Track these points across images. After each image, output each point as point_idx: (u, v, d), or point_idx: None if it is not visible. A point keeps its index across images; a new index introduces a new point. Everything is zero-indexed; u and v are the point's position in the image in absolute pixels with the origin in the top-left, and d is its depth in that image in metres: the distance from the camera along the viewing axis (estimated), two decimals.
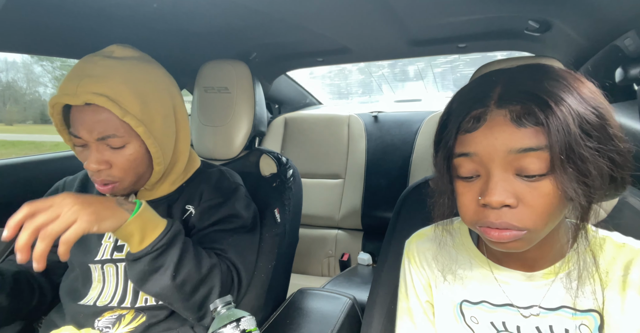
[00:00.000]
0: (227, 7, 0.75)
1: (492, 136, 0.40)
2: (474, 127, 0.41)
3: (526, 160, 0.39)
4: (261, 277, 0.81)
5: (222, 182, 0.79)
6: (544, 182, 0.39)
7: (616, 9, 0.64)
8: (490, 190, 0.40)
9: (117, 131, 0.64)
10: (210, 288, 0.65)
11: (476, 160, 0.41)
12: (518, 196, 0.40)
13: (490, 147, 0.40)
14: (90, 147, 0.65)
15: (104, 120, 0.63)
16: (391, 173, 1.65)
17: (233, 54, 1.12)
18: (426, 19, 0.87)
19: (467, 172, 0.43)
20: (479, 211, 0.42)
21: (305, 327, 0.76)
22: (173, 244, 0.62)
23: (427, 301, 0.57)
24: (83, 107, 0.63)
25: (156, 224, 0.62)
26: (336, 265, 1.65)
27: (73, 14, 0.73)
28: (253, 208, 0.82)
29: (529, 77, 0.41)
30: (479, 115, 0.41)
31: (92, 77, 0.62)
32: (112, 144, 0.65)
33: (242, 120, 0.95)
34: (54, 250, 0.79)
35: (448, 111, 0.46)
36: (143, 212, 0.60)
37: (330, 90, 2.45)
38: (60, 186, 0.83)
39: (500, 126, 0.40)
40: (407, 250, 0.60)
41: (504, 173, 0.40)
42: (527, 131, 0.38)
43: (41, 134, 4.44)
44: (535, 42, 1.00)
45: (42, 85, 2.81)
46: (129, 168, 0.67)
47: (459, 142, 0.43)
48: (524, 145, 0.38)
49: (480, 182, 0.42)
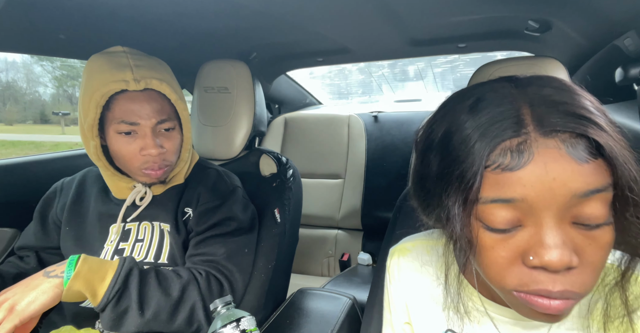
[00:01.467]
0: (227, 7, 0.75)
1: (548, 176, 0.30)
2: (516, 165, 0.31)
3: (590, 205, 0.30)
4: (261, 277, 0.81)
5: (219, 184, 0.79)
6: (604, 230, 0.31)
7: (616, 9, 0.64)
8: (550, 248, 0.30)
9: (169, 115, 0.71)
10: (191, 305, 0.65)
11: (520, 207, 0.31)
12: (577, 251, 0.31)
13: (547, 190, 0.30)
14: (145, 133, 0.68)
15: (162, 105, 0.69)
16: (391, 173, 1.65)
17: (233, 54, 1.12)
18: (426, 19, 0.87)
19: (504, 222, 0.32)
20: (523, 273, 0.32)
21: (305, 327, 0.76)
22: (128, 285, 0.61)
23: (407, 323, 0.51)
24: (137, 94, 0.67)
25: (104, 273, 0.60)
26: (336, 265, 1.65)
27: (73, 13, 0.73)
28: (251, 209, 0.82)
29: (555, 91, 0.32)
30: (518, 147, 0.31)
31: (141, 67, 0.67)
32: (166, 127, 0.70)
33: (242, 120, 0.95)
34: (53, 252, 0.80)
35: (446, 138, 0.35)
36: (80, 269, 0.58)
37: (330, 90, 2.45)
38: (59, 187, 0.83)
39: (557, 162, 0.30)
40: (388, 265, 0.54)
41: (560, 223, 0.31)
42: (589, 167, 0.30)
43: (41, 134, 4.45)
44: (535, 42, 1.00)
45: (42, 85, 2.82)
46: (176, 151, 0.73)
47: (489, 182, 0.32)
48: (590, 187, 0.30)
49: (524, 235, 0.32)
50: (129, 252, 0.73)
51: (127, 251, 0.73)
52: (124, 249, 0.73)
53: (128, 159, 0.69)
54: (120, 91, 0.65)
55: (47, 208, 0.82)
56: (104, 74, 0.65)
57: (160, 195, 0.77)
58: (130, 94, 0.66)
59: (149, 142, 0.68)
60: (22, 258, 0.80)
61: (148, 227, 0.75)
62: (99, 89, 0.64)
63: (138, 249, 0.73)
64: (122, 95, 0.66)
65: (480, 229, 0.34)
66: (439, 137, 0.36)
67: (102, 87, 0.64)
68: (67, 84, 6.88)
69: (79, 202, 0.79)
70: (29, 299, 0.54)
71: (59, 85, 6.87)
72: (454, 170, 0.34)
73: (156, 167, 0.70)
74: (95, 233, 0.75)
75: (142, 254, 0.72)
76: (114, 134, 0.68)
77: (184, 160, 0.76)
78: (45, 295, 0.55)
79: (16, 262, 0.79)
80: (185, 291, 0.65)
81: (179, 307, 0.64)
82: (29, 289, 0.56)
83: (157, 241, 0.73)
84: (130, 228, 0.75)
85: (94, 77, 0.66)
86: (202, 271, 0.69)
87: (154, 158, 0.69)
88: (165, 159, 0.71)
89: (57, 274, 0.58)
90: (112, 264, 0.62)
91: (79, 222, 0.77)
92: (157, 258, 0.72)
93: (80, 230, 0.76)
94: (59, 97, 7.34)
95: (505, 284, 0.33)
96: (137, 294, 0.61)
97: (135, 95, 0.66)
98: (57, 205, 0.80)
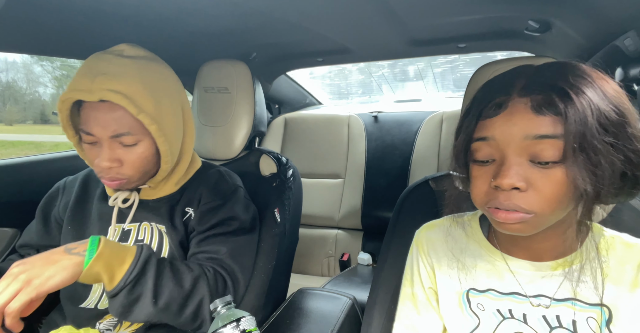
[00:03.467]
0: (228, 7, 0.75)
1: (511, 122, 0.42)
2: (494, 113, 0.43)
3: (540, 146, 0.40)
4: (261, 277, 0.81)
5: (221, 184, 0.79)
6: (556, 170, 0.40)
7: (616, 9, 0.64)
8: (503, 173, 0.42)
9: (130, 129, 0.65)
10: (200, 300, 0.65)
11: (493, 145, 0.43)
12: (529, 181, 0.41)
13: (508, 132, 0.42)
14: (102, 144, 0.65)
15: (119, 118, 0.64)
16: (391, 174, 1.65)
17: (233, 54, 1.12)
18: (426, 19, 0.87)
19: (483, 155, 0.45)
20: (489, 193, 0.44)
21: (305, 327, 0.76)
22: (145, 272, 0.61)
23: (431, 288, 0.58)
24: (97, 104, 0.63)
25: (123, 257, 0.60)
26: (336, 265, 1.65)
27: (73, 13, 0.73)
28: (252, 209, 0.82)
29: (555, 71, 0.43)
30: (500, 102, 0.43)
31: (107, 75, 0.62)
32: (125, 141, 0.65)
33: (242, 120, 0.95)
34: None
35: (472, 100, 0.48)
36: (103, 250, 0.58)
37: (330, 90, 2.45)
38: (61, 186, 0.83)
39: (520, 113, 0.41)
40: (416, 238, 0.62)
41: (518, 158, 0.42)
42: (545, 119, 0.40)
43: (41, 134, 4.45)
44: (535, 42, 1.00)
45: (42, 85, 2.82)
46: (139, 166, 0.68)
47: (479, 127, 0.45)
48: (540, 132, 0.40)
49: (494, 166, 0.44)
50: None
51: None
52: None
53: (91, 165, 0.69)
54: None
55: (49, 207, 0.82)
56: (74, 79, 0.64)
57: (152, 201, 0.76)
58: (93, 103, 0.64)
59: (102, 154, 0.65)
60: (23, 256, 0.80)
61: (148, 228, 0.75)
62: (64, 94, 0.63)
63: None
64: (87, 103, 0.64)
65: (471, 164, 0.47)
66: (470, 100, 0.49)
67: (66, 93, 0.63)
68: (67, 84, 6.87)
69: (81, 201, 0.79)
70: (49, 274, 0.53)
71: (59, 85, 6.87)
72: (465, 120, 0.47)
73: (108, 179, 0.68)
74: (96, 233, 0.75)
75: None
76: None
77: (164, 171, 0.72)
78: (65, 271, 0.54)
79: (17, 259, 0.79)
80: (197, 284, 0.65)
81: (189, 300, 0.64)
82: (49, 263, 0.54)
83: (157, 241, 0.73)
84: (131, 229, 0.75)
85: (71, 80, 0.65)
86: (210, 268, 0.69)
87: (104, 170, 0.66)
88: (119, 172, 0.67)
89: (79, 252, 0.57)
90: (131, 250, 0.62)
91: (80, 221, 0.77)
92: None
93: (81, 230, 0.76)
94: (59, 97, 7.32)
95: (481, 201, 0.46)
96: (153, 282, 0.61)
97: (96, 105, 0.63)
98: (60, 204, 0.80)
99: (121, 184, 0.69)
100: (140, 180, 0.71)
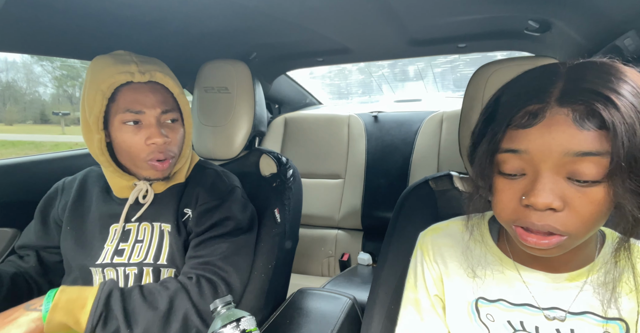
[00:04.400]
0: (228, 8, 0.75)
1: (550, 136, 0.37)
2: (528, 123, 0.38)
3: (582, 164, 0.36)
4: (261, 277, 0.81)
5: (218, 184, 0.79)
6: (596, 188, 0.37)
7: (616, 9, 0.64)
8: (537, 191, 0.37)
9: (173, 107, 0.73)
10: (184, 314, 0.64)
11: (525, 158, 0.39)
12: (565, 200, 0.38)
13: (545, 146, 0.37)
14: (150, 122, 0.70)
15: (165, 97, 0.72)
16: (391, 173, 1.65)
17: (233, 54, 1.12)
18: (426, 19, 0.87)
19: (512, 169, 0.40)
20: (518, 210, 0.40)
21: (305, 327, 0.76)
22: (110, 308, 0.60)
23: (437, 295, 0.56)
24: (141, 85, 0.69)
25: (84, 301, 0.59)
26: (336, 265, 1.65)
27: (73, 13, 0.73)
28: (250, 209, 0.82)
29: (593, 74, 0.38)
30: (536, 111, 0.38)
31: (144, 62, 0.70)
32: (171, 117, 0.73)
33: (242, 120, 0.95)
34: (53, 251, 0.80)
35: (496, 102, 0.44)
36: (59, 300, 0.58)
37: (330, 90, 2.45)
38: (60, 187, 0.83)
39: (561, 126, 0.37)
40: (420, 242, 0.59)
41: (554, 175, 0.38)
42: (589, 134, 0.36)
43: (41, 134, 4.45)
44: (535, 42, 1.00)
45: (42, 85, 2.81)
46: (179, 144, 0.75)
47: (508, 137, 0.40)
48: (583, 149, 0.36)
49: (524, 181, 0.40)
50: (129, 252, 0.73)
51: (126, 252, 0.73)
52: (124, 249, 0.73)
53: (134, 150, 0.70)
54: (126, 83, 0.68)
55: (48, 208, 0.82)
56: (109, 68, 0.67)
57: (162, 194, 0.77)
58: (134, 85, 0.69)
59: (154, 131, 0.69)
60: (22, 257, 0.80)
61: (148, 228, 0.75)
62: (105, 80, 0.66)
63: (137, 250, 0.73)
64: (126, 87, 0.68)
65: (496, 175, 0.43)
66: (492, 101, 0.45)
67: (109, 78, 0.66)
68: (67, 84, 6.88)
69: (80, 201, 0.79)
70: None
71: (59, 85, 6.86)
72: (489, 126, 0.43)
73: (162, 157, 0.71)
74: (96, 233, 0.75)
75: (142, 255, 0.72)
76: (119, 125, 0.69)
77: (185, 157, 0.77)
78: (20, 329, 0.55)
79: (16, 261, 0.79)
80: (174, 301, 0.64)
81: (170, 318, 0.63)
82: (5, 322, 0.55)
83: (156, 242, 0.73)
84: (130, 229, 0.75)
85: (100, 71, 0.68)
86: (193, 275, 0.68)
87: (159, 147, 0.70)
88: (170, 149, 0.72)
89: (36, 307, 0.57)
90: (92, 290, 0.61)
91: (79, 221, 0.77)
92: (156, 259, 0.72)
93: (80, 230, 0.76)
94: (59, 97, 7.34)
95: (507, 218, 0.42)
96: (122, 314, 0.60)
97: (139, 87, 0.69)
98: (59, 205, 0.80)
99: (171, 164, 0.74)
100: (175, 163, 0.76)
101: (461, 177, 0.76)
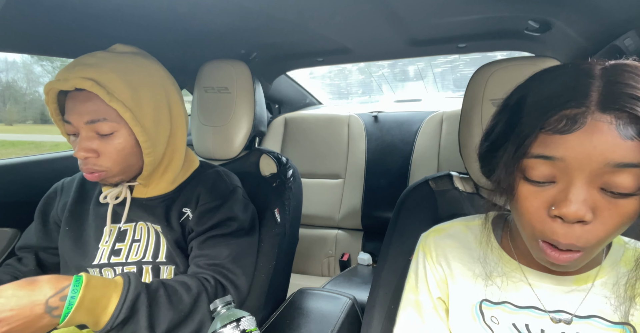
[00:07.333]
0: (227, 8, 0.75)
1: (591, 144, 0.34)
2: (566, 129, 0.35)
3: (621, 175, 0.34)
4: (261, 277, 0.81)
5: (219, 184, 0.79)
6: (628, 201, 0.35)
7: (616, 9, 0.64)
8: (569, 202, 0.35)
9: (106, 115, 0.65)
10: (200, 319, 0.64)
11: (558, 166, 0.36)
12: (595, 212, 0.36)
13: (585, 155, 0.35)
14: (80, 134, 0.66)
15: (93, 105, 0.64)
16: (391, 173, 1.65)
17: (233, 54, 1.12)
18: (426, 19, 0.87)
19: (540, 176, 0.38)
20: (545, 221, 0.38)
21: (305, 327, 0.76)
22: (136, 310, 0.58)
23: (439, 298, 0.54)
24: (75, 93, 0.65)
25: (107, 301, 0.56)
26: (336, 265, 1.65)
27: (73, 13, 0.73)
28: (251, 209, 0.81)
29: (633, 78, 0.35)
30: (574, 115, 0.35)
31: (84, 65, 0.64)
32: (101, 129, 0.65)
33: (242, 120, 0.95)
34: (52, 252, 0.80)
35: (520, 101, 0.41)
36: (84, 297, 0.54)
37: (330, 90, 2.45)
38: (59, 187, 0.83)
39: (604, 135, 0.34)
40: (423, 244, 0.58)
41: (588, 185, 0.36)
42: (632, 144, 0.34)
43: (41, 134, 4.44)
44: (535, 42, 1.00)
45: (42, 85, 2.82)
46: (117, 157, 0.67)
47: (540, 141, 0.37)
48: (625, 160, 0.34)
49: (553, 190, 0.37)
50: (126, 252, 0.73)
51: (124, 251, 0.73)
52: (120, 249, 0.73)
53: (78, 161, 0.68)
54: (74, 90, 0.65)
55: (48, 208, 0.82)
56: (58, 72, 0.65)
57: (147, 199, 0.76)
58: (73, 93, 0.65)
59: (78, 144, 0.65)
60: (21, 259, 0.80)
61: (144, 228, 0.74)
62: (47, 85, 0.65)
63: (135, 249, 0.73)
64: (69, 95, 0.66)
65: (521, 181, 0.40)
66: (515, 100, 0.42)
67: (48, 84, 0.65)
68: None
69: (79, 202, 0.79)
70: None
71: None
72: (515, 127, 0.40)
73: (85, 170, 0.67)
74: (92, 233, 0.75)
75: (140, 254, 0.72)
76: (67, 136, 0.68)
77: (149, 165, 0.70)
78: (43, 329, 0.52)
79: (14, 264, 0.79)
80: (197, 303, 0.64)
81: (188, 320, 0.63)
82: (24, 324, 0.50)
83: (154, 241, 0.73)
84: (127, 229, 0.75)
85: None
86: (211, 278, 0.68)
87: (81, 161, 0.66)
88: (96, 164, 0.66)
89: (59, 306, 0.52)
90: (117, 288, 0.58)
91: (78, 222, 0.77)
92: (155, 257, 0.72)
93: (78, 231, 0.76)
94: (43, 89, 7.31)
95: (532, 230, 0.40)
96: (146, 318, 0.58)
97: (75, 95, 0.65)
98: (58, 205, 0.80)
99: (100, 176, 0.68)
100: (122, 173, 0.70)
101: (461, 177, 0.76)
